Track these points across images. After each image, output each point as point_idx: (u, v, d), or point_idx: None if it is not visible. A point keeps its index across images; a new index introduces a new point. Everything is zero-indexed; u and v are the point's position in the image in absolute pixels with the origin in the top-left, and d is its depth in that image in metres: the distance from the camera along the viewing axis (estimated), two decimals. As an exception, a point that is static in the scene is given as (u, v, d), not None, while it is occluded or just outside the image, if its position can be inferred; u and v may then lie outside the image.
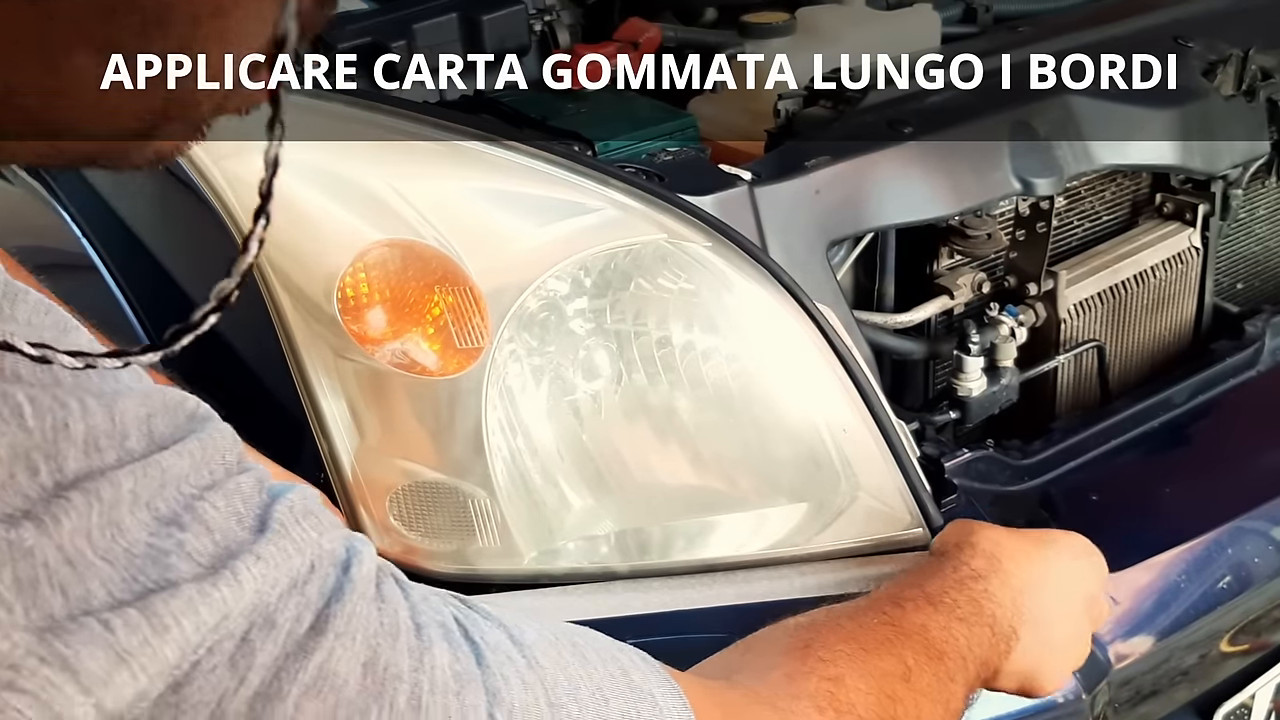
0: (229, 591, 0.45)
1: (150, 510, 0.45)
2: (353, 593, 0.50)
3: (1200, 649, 1.06)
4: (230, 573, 0.46)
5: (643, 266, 0.90)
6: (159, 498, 0.46)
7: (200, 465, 0.48)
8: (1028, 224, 1.17)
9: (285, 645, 0.47)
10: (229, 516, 0.48)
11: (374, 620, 0.51)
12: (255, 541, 0.48)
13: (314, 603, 0.49)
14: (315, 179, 0.88)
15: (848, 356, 0.91)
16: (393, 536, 0.91)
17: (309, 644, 0.48)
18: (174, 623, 0.44)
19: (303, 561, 0.49)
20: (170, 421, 0.48)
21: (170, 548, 0.45)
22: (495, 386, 0.88)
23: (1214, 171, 1.23)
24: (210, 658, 0.45)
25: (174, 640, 0.44)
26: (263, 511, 0.49)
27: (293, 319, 0.90)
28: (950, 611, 0.76)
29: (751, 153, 1.12)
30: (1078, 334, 1.21)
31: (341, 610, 0.49)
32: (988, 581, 0.79)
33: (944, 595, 0.77)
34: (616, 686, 0.58)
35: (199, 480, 0.48)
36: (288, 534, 0.49)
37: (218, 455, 0.49)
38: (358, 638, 0.50)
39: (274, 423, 0.95)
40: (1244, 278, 1.42)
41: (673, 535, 0.92)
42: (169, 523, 0.46)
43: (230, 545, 0.47)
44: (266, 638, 0.47)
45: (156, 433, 0.47)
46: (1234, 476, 1.13)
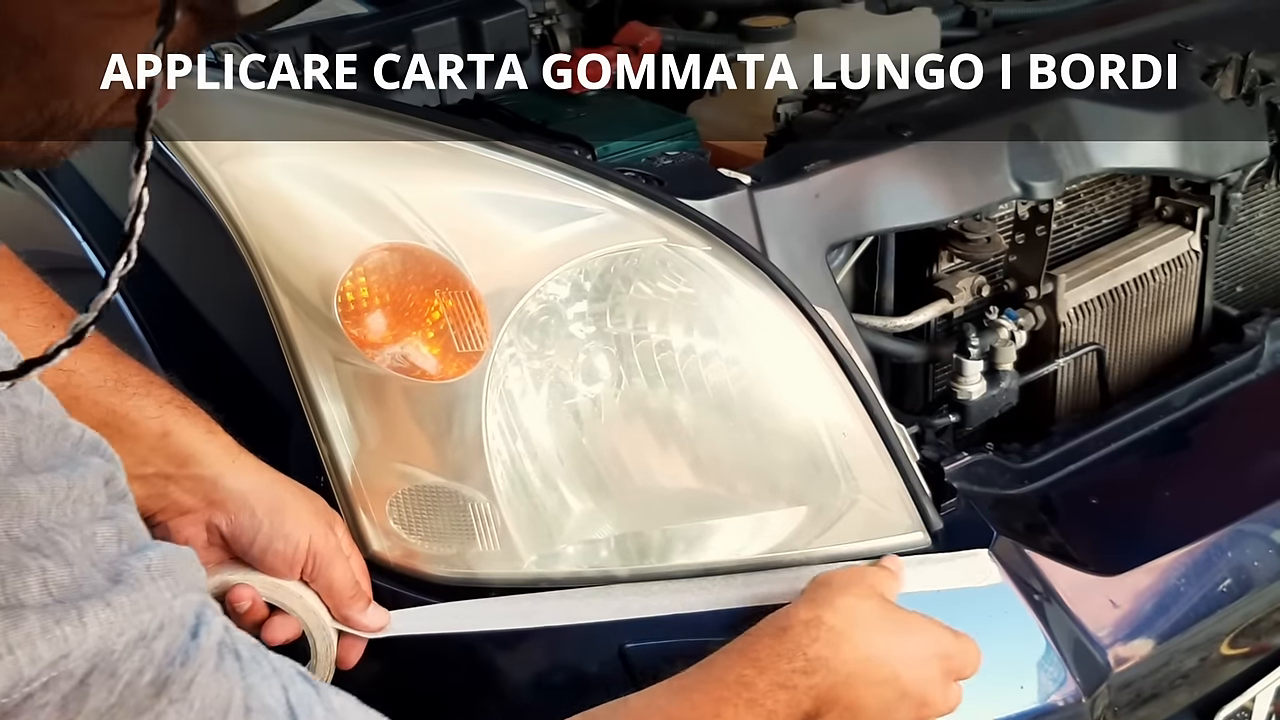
0: (71, 631, 0.45)
1: (8, 535, 0.45)
2: (196, 659, 0.51)
3: (1201, 652, 1.06)
4: (77, 613, 0.46)
5: (643, 270, 0.90)
6: (17, 525, 0.46)
7: (63, 502, 0.48)
8: (1027, 227, 1.17)
9: (121, 696, 0.47)
10: (85, 559, 0.48)
11: (210, 691, 0.51)
12: (109, 590, 0.48)
13: (158, 660, 0.49)
14: (315, 182, 0.89)
15: (847, 360, 0.91)
16: (393, 540, 0.91)
17: (144, 703, 0.48)
18: (8, 651, 0.44)
19: (153, 618, 0.49)
20: (44, 447, 0.48)
21: (29, 566, 0.45)
22: (495, 390, 0.88)
23: (1213, 175, 1.24)
24: (44, 694, 0.45)
25: (6, 668, 0.43)
26: (119, 562, 0.49)
27: (293, 323, 0.90)
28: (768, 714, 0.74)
29: (751, 156, 1.13)
30: (1077, 337, 1.21)
31: (183, 675, 0.50)
32: (814, 677, 0.76)
33: (765, 699, 0.75)
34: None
35: (59, 517, 0.47)
36: (141, 589, 0.49)
37: (85, 496, 0.49)
38: (194, 705, 0.50)
39: (269, 425, 0.95)
40: (1244, 281, 1.42)
41: (673, 539, 0.92)
42: (28, 549, 0.46)
43: (83, 586, 0.47)
44: (104, 685, 0.47)
45: (25, 455, 0.47)
46: (1234, 480, 1.13)
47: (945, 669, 0.81)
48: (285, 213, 0.89)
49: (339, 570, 0.84)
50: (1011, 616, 0.94)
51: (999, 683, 0.94)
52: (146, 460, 0.80)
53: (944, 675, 0.81)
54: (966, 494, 0.99)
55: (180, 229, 1.04)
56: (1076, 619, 0.97)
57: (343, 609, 0.84)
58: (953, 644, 0.83)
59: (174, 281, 1.06)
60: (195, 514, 0.81)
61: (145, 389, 0.81)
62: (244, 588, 0.82)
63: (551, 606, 0.88)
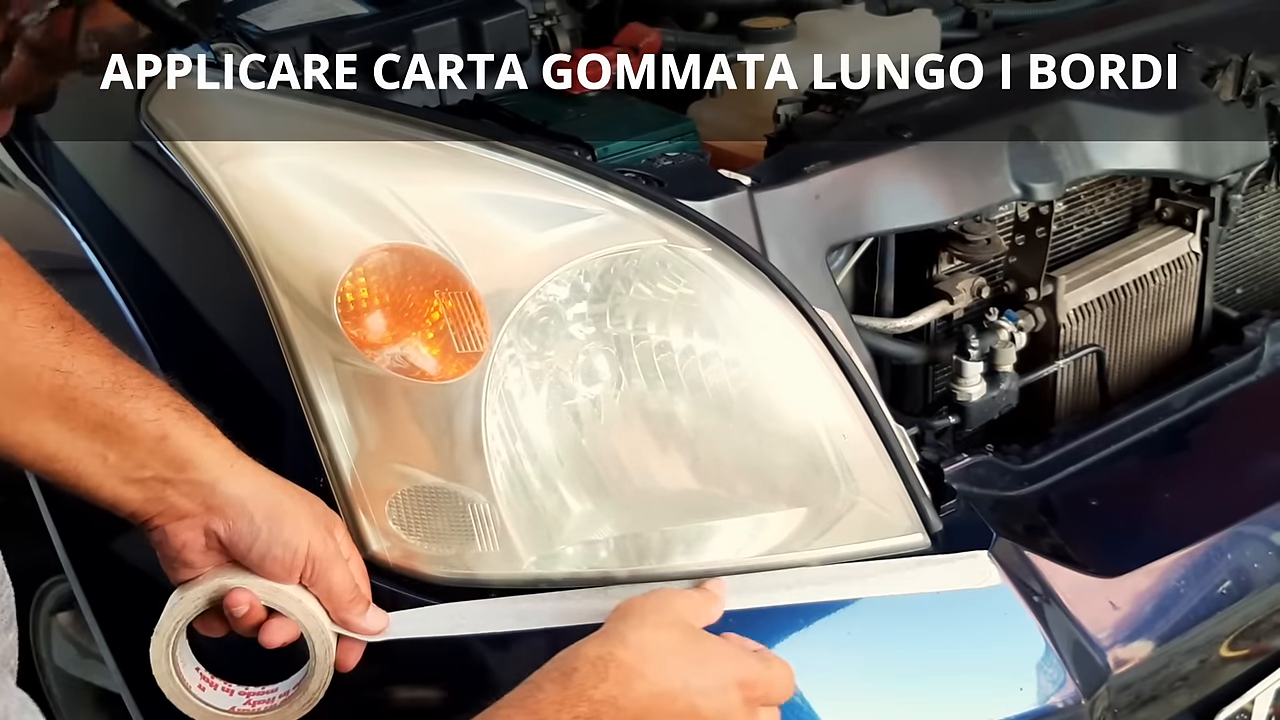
0: None
1: None
2: None
3: (1200, 654, 1.06)
4: None
5: (643, 271, 0.90)
6: None
7: None
8: (1027, 229, 1.17)
9: None
10: None
11: None
12: None
13: None
14: (315, 183, 0.89)
15: (847, 361, 0.91)
16: (392, 541, 0.91)
17: None
18: None
19: None
20: None
21: None
22: (495, 391, 0.88)
23: (1213, 177, 1.24)
24: None
25: None
26: None
27: (292, 323, 0.90)
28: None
29: (751, 157, 1.13)
30: (1077, 339, 1.21)
31: None
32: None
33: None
34: None
35: None
36: None
37: None
38: None
39: (269, 425, 0.95)
40: (1244, 283, 1.42)
41: (672, 540, 0.92)
42: None
43: None
44: None
45: None
46: (1233, 481, 1.13)
47: (747, 698, 0.78)
48: (285, 213, 0.89)
49: (338, 574, 0.84)
50: (1011, 618, 0.94)
51: (998, 684, 0.94)
52: (144, 464, 0.80)
53: (746, 704, 0.77)
54: (966, 495, 0.99)
55: (180, 229, 1.04)
56: (1076, 621, 0.97)
57: (341, 613, 0.84)
58: (758, 670, 0.79)
59: (174, 282, 1.06)
60: (193, 519, 0.81)
61: (143, 391, 0.81)
62: (241, 592, 0.82)
63: (550, 607, 0.88)
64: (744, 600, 0.88)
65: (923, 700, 0.93)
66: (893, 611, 0.93)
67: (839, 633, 0.91)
